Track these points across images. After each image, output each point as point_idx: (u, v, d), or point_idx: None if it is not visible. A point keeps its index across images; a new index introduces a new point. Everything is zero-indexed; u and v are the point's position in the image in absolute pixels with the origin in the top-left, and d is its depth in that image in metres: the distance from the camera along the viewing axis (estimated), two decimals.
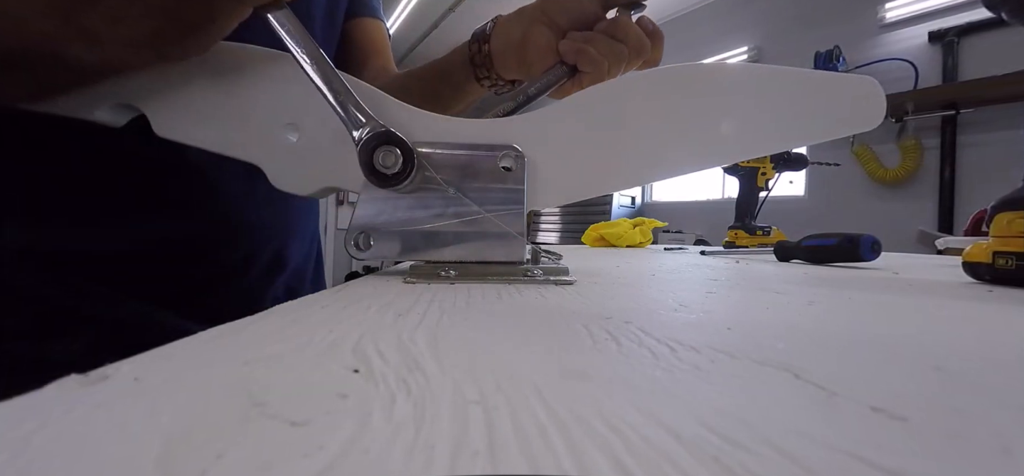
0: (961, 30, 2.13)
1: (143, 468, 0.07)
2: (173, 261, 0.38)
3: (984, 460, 0.08)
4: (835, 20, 2.55)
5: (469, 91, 0.44)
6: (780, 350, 0.14)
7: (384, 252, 0.29)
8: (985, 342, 0.17)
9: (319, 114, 0.31)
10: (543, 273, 0.30)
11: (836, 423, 0.09)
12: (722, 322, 0.18)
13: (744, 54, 2.97)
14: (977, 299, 0.28)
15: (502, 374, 0.11)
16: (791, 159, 1.07)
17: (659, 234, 2.68)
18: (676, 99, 0.31)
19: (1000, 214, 0.34)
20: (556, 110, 0.32)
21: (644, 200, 3.58)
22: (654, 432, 0.08)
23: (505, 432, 0.08)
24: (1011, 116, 1.99)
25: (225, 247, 0.41)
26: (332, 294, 0.23)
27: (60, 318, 0.33)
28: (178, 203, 0.38)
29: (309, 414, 0.08)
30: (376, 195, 0.29)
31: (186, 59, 0.28)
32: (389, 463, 0.07)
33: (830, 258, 0.56)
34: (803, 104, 0.30)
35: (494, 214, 0.30)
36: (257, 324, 0.16)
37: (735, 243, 1.06)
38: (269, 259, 0.44)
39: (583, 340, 0.15)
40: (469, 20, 3.10)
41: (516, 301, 0.22)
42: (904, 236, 1.94)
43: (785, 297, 0.26)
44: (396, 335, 0.14)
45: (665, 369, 0.12)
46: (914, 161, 2.24)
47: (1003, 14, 0.40)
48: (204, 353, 0.12)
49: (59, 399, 0.09)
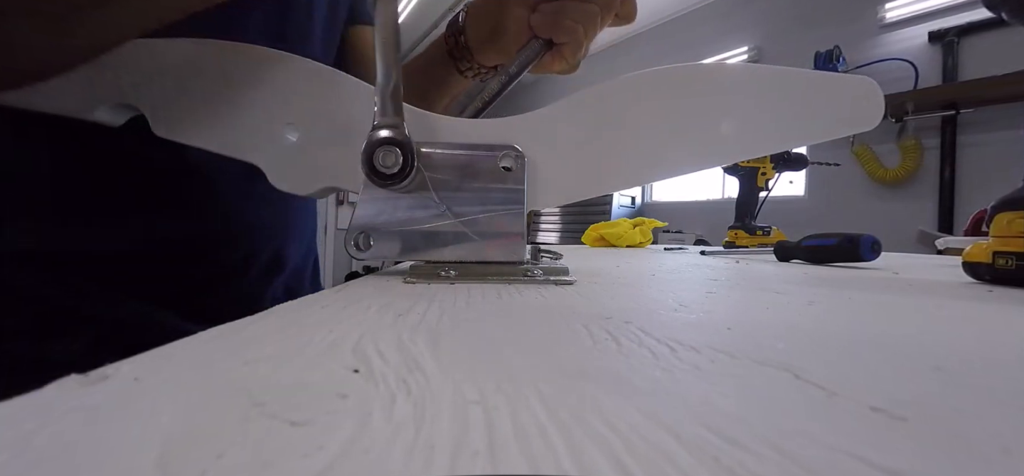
0: (961, 30, 2.13)
1: (143, 468, 0.07)
2: (173, 261, 0.38)
3: (984, 460, 0.08)
4: (835, 20, 2.55)
5: (453, 84, 0.44)
6: (780, 350, 0.14)
7: (384, 252, 0.29)
8: (985, 342, 0.17)
9: (319, 114, 0.31)
10: (543, 273, 0.30)
11: (836, 423, 0.09)
12: (722, 322, 0.18)
13: (744, 54, 2.97)
14: (977, 299, 0.28)
15: (502, 374, 0.11)
16: (791, 159, 1.07)
17: (659, 234, 2.68)
18: (676, 99, 0.31)
19: (1000, 214, 0.34)
20: (556, 110, 0.32)
21: (644, 200, 3.58)
22: (654, 432, 0.08)
23: (505, 432, 0.08)
24: (1011, 116, 1.99)
25: (225, 247, 0.41)
26: (332, 294, 0.23)
27: (60, 318, 0.33)
28: (178, 203, 0.38)
29: (309, 414, 0.08)
30: (376, 195, 0.29)
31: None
32: (389, 463, 0.07)
33: (830, 258, 0.56)
34: (803, 104, 0.30)
35: (494, 214, 0.30)
36: (257, 324, 0.16)
37: (735, 243, 1.06)
38: (268, 259, 0.44)
39: (583, 340, 0.15)
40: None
41: (516, 301, 0.22)
42: (904, 236, 1.94)
43: (785, 297, 0.26)
44: (396, 335, 0.14)
45: (665, 369, 0.12)
46: (914, 161, 2.24)
47: (1003, 14, 0.40)
48: (204, 353, 0.12)
49: (59, 399, 0.09)
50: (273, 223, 0.44)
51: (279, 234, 0.45)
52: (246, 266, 0.42)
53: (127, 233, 0.36)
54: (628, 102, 0.31)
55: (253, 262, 0.43)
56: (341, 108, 0.31)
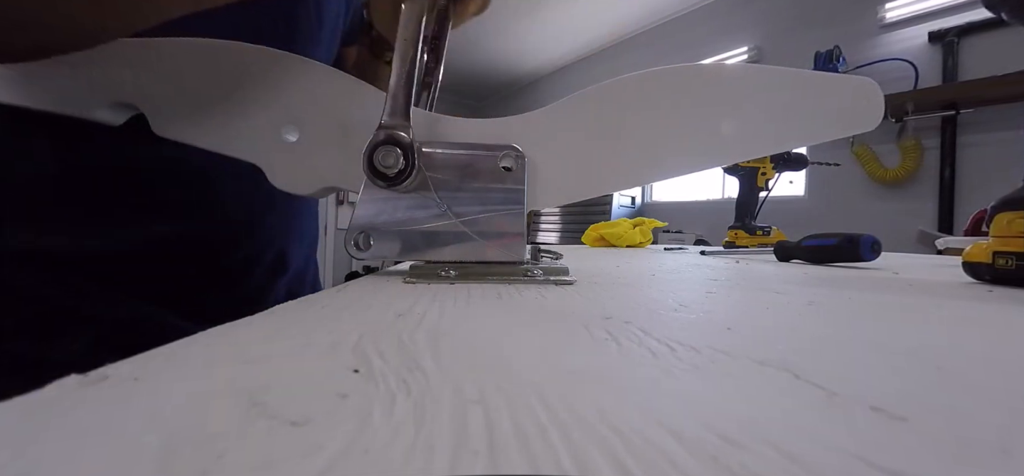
0: (961, 30, 2.13)
1: (143, 468, 0.07)
2: (173, 261, 0.38)
3: (984, 460, 0.08)
4: (835, 20, 2.55)
5: (385, 76, 0.46)
6: (780, 350, 0.14)
7: (384, 252, 0.29)
8: (985, 342, 0.17)
9: (319, 114, 0.31)
10: (543, 273, 0.30)
11: (836, 423, 0.09)
12: (722, 322, 0.18)
13: (744, 54, 2.97)
14: (977, 299, 0.28)
15: (502, 374, 0.11)
16: (791, 159, 1.07)
17: (659, 234, 2.68)
18: (676, 100, 0.31)
19: (1000, 214, 0.34)
20: (556, 110, 0.32)
21: (644, 200, 3.58)
22: (654, 432, 0.08)
23: (505, 432, 0.08)
24: (1011, 116, 1.99)
25: (227, 248, 0.41)
26: (332, 294, 0.23)
27: (60, 318, 0.33)
28: (179, 203, 0.38)
29: (309, 414, 0.08)
30: (376, 195, 0.29)
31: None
32: (389, 463, 0.07)
33: (830, 258, 0.56)
34: (803, 104, 0.30)
35: (494, 214, 0.30)
36: (257, 324, 0.16)
37: (735, 243, 1.06)
38: (272, 260, 0.45)
39: (583, 340, 0.15)
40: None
41: (516, 301, 0.22)
42: (904, 236, 1.94)
43: (785, 297, 0.26)
44: (396, 335, 0.14)
45: (665, 369, 0.12)
46: (914, 161, 2.24)
47: (1003, 14, 0.40)
48: (204, 353, 0.12)
49: (59, 399, 0.09)
50: (276, 225, 0.44)
51: (282, 236, 0.45)
52: (249, 267, 0.42)
53: (127, 233, 0.36)
54: (628, 102, 0.31)
55: (256, 263, 0.43)
56: (341, 108, 0.31)
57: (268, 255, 0.44)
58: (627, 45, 3.71)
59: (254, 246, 0.42)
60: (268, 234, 0.44)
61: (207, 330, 0.14)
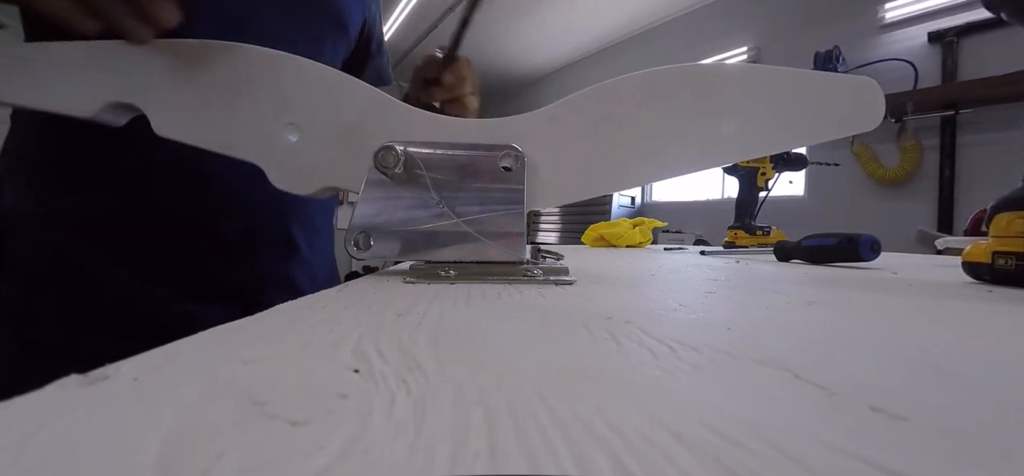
0: (961, 30, 2.13)
1: (143, 468, 0.07)
2: (171, 230, 0.40)
3: (984, 460, 0.08)
4: (835, 20, 2.55)
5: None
6: (780, 350, 0.14)
7: (384, 252, 0.29)
8: (985, 342, 0.17)
9: (319, 114, 0.31)
10: (543, 273, 0.30)
11: (836, 423, 0.09)
12: (722, 322, 0.18)
13: (744, 54, 2.96)
14: (977, 299, 0.28)
15: (502, 374, 0.11)
16: (791, 159, 1.07)
17: (659, 234, 2.68)
18: (676, 99, 0.31)
19: (1000, 214, 0.34)
20: (556, 110, 0.32)
21: (644, 200, 3.58)
22: (654, 432, 0.08)
23: (505, 432, 0.08)
24: (1011, 116, 1.99)
25: (224, 220, 0.42)
26: (332, 294, 0.23)
27: (80, 309, 0.36)
28: (177, 178, 0.40)
29: (309, 414, 0.08)
30: (376, 195, 0.29)
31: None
32: (389, 463, 0.07)
33: (830, 258, 0.56)
34: (803, 104, 0.30)
35: (494, 214, 0.30)
36: (257, 324, 0.16)
37: (735, 243, 1.06)
38: (280, 241, 0.46)
39: (583, 340, 0.15)
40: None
41: (516, 301, 0.22)
42: (904, 236, 1.94)
43: (785, 297, 0.26)
44: (396, 335, 0.14)
45: (665, 369, 0.12)
46: (914, 161, 2.24)
47: (1003, 14, 0.40)
48: (204, 353, 0.12)
49: (59, 399, 0.09)
50: (274, 202, 0.46)
51: (282, 213, 0.46)
52: (250, 238, 0.43)
53: (129, 203, 0.39)
54: (628, 102, 0.31)
55: (256, 236, 0.44)
56: (341, 108, 0.31)
57: (269, 231, 0.45)
58: (627, 45, 3.71)
59: (252, 218, 0.44)
60: (266, 211, 0.45)
61: (207, 330, 0.14)
